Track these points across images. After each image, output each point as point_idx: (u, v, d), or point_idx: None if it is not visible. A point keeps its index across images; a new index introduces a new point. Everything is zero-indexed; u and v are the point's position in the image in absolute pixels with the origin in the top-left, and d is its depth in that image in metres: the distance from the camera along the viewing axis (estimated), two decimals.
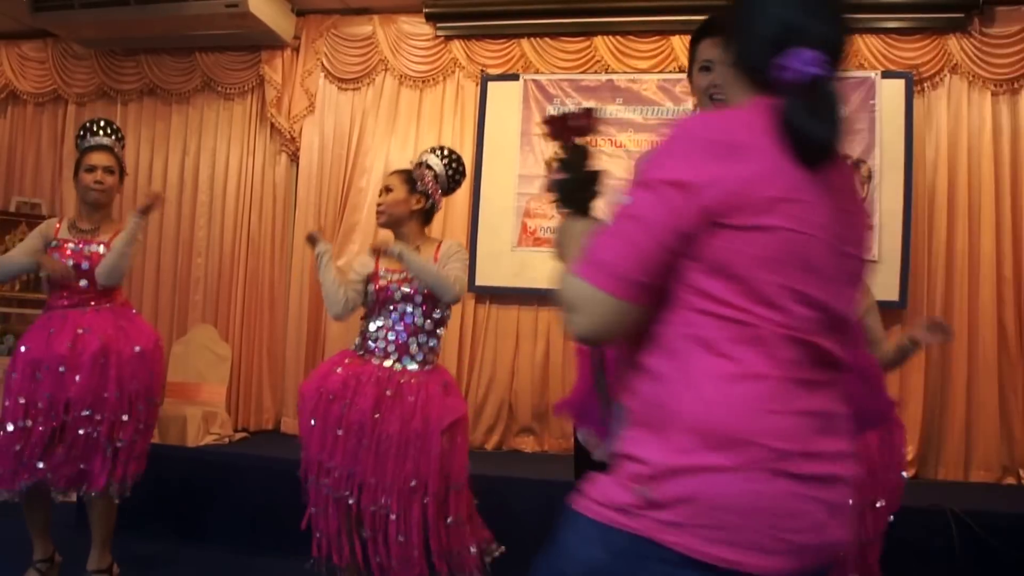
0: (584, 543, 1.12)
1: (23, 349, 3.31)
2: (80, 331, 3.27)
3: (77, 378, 3.21)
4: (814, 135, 1.10)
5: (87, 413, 3.21)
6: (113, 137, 3.51)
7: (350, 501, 3.00)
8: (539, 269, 5.23)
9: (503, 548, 3.15)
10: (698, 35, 2.20)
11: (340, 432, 3.02)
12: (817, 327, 1.12)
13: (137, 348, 3.35)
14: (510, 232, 5.38)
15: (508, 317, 5.42)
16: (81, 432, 3.21)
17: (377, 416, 3.01)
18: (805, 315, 1.11)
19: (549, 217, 5.36)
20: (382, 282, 3.15)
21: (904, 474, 3.15)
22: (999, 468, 5.01)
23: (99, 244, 3.38)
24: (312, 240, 3.30)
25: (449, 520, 3.04)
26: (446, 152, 3.35)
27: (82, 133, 3.52)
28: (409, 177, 3.24)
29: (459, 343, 5.38)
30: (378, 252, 3.19)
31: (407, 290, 3.11)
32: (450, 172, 3.32)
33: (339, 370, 3.14)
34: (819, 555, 1.14)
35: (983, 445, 5.02)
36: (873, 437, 2.88)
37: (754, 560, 1.07)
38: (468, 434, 3.27)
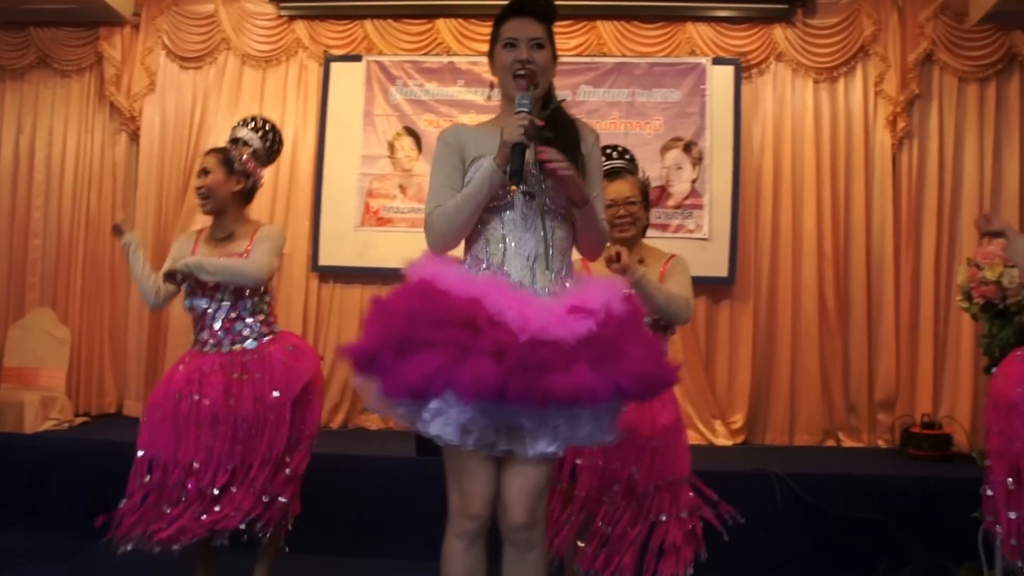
0: None
1: None
2: None
3: None
4: None
5: None
6: None
7: (215, 492, 2.97)
8: (382, 248, 5.29)
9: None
10: (504, 15, 2.30)
11: (193, 428, 2.98)
12: None
13: None
14: (353, 212, 5.41)
15: (351, 296, 5.44)
16: None
17: (232, 402, 2.99)
18: None
19: (391, 197, 5.42)
20: None
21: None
22: (821, 432, 5.35)
23: None
24: (117, 231, 3.20)
25: (288, 472, 3.06)
26: (260, 123, 3.28)
27: None
28: (227, 158, 3.15)
29: (303, 322, 5.38)
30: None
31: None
32: (268, 144, 3.28)
33: (181, 368, 3.11)
34: None
35: (806, 411, 5.35)
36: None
37: None
38: (322, 391, 3.27)
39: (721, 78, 5.37)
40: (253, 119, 3.30)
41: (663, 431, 2.93)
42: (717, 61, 5.39)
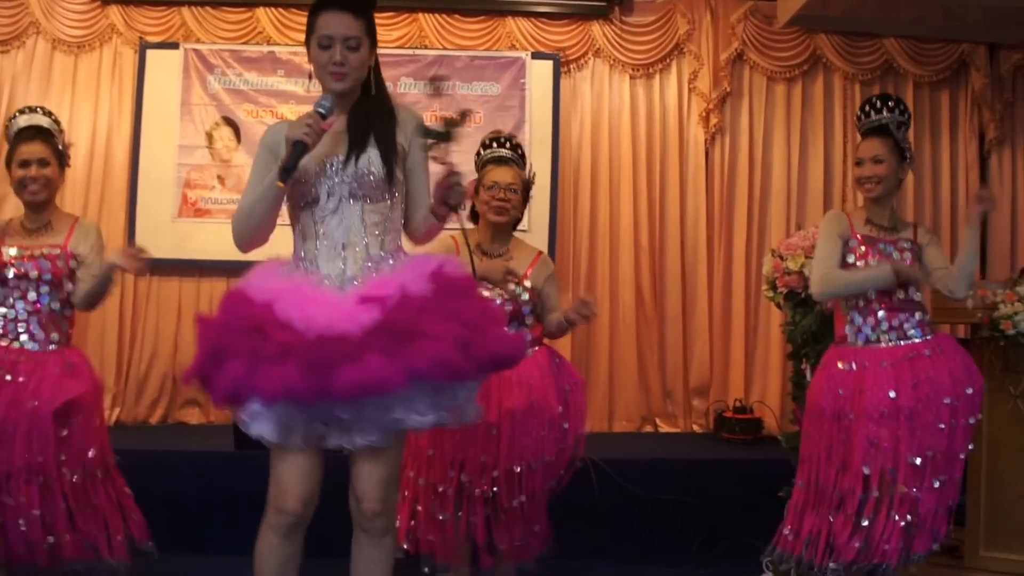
0: None
1: None
2: None
3: None
4: None
5: None
6: None
7: None
8: (200, 239, 5.22)
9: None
10: (320, 4, 2.27)
11: None
12: None
13: None
14: (171, 203, 5.30)
15: (170, 289, 5.33)
16: None
17: None
18: None
19: (210, 188, 5.35)
20: None
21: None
22: (638, 418, 5.52)
23: None
24: None
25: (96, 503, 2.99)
26: (46, 109, 3.17)
27: None
28: (58, 149, 3.05)
29: (119, 317, 5.25)
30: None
31: (27, 269, 2.98)
32: (61, 132, 3.18)
33: None
34: None
35: (624, 398, 5.52)
36: (554, 400, 3.06)
37: None
38: (97, 415, 3.09)
39: (540, 72, 5.48)
40: (40, 108, 3.19)
41: (509, 415, 2.96)
42: (536, 56, 5.49)
